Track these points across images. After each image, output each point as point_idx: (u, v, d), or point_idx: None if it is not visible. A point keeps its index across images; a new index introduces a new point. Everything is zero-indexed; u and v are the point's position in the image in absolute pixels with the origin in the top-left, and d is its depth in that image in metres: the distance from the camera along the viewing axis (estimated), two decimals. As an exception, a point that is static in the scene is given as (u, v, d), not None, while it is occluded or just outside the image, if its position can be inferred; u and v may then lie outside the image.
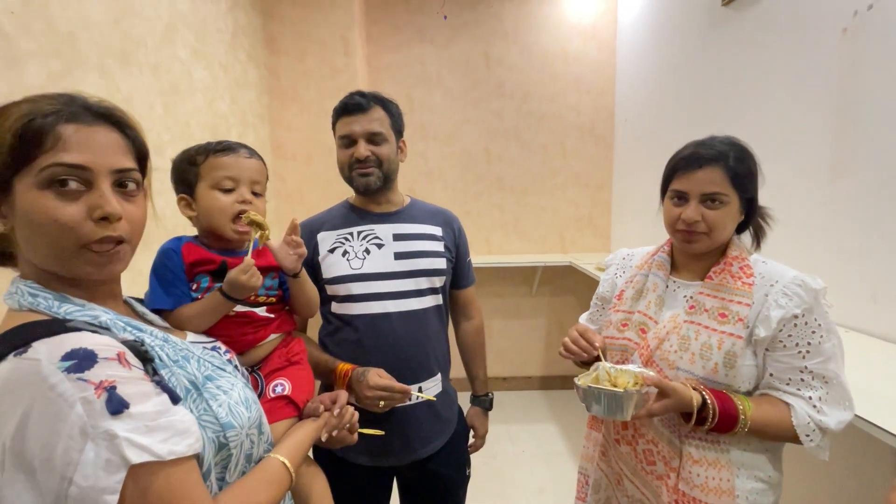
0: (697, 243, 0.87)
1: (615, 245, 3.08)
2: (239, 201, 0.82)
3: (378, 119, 1.09)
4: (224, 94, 2.12)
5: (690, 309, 0.89)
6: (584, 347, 0.91)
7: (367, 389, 0.99)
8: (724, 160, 0.84)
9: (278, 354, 0.87)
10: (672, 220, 0.90)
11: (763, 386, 0.84)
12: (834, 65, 1.33)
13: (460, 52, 2.93)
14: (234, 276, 0.77)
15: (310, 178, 2.66)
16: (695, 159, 0.86)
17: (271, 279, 0.90)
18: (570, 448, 2.51)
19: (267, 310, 0.88)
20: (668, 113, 2.36)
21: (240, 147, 0.85)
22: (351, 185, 1.13)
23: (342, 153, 1.10)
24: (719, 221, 0.85)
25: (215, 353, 0.71)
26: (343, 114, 1.09)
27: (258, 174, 0.86)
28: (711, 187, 0.84)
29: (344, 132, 1.09)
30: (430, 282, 1.14)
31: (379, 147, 1.09)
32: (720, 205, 0.84)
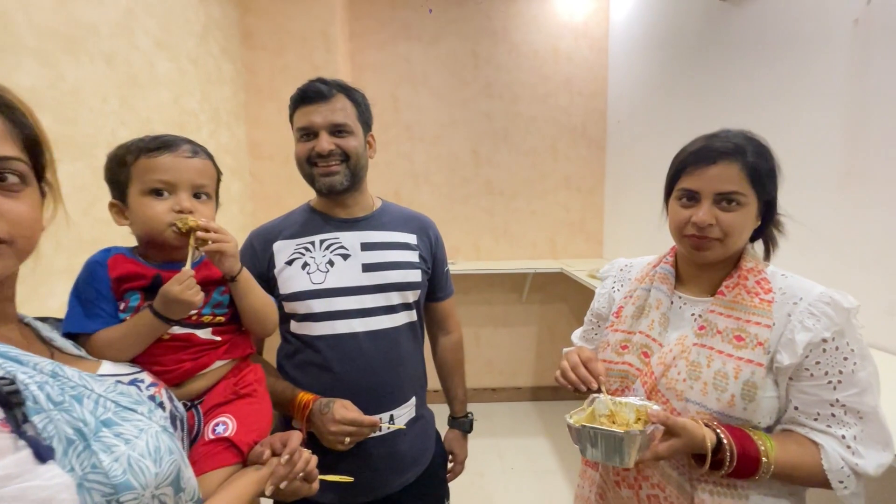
0: (709, 251, 0.76)
1: (607, 251, 2.98)
2: (176, 209, 0.69)
3: (342, 109, 0.96)
4: (193, 90, 1.98)
5: (700, 330, 0.77)
6: (584, 378, 0.79)
7: (332, 424, 0.86)
8: (741, 154, 0.73)
9: (224, 386, 0.73)
10: (680, 223, 0.78)
11: (786, 421, 0.73)
12: (844, 59, 1.23)
13: (447, 50, 2.82)
14: (167, 289, 0.64)
15: (288, 180, 2.51)
16: (708, 153, 0.74)
17: (220, 294, 0.77)
18: (563, 465, 2.39)
19: (213, 331, 0.74)
20: (662, 114, 2.27)
21: (180, 143, 0.71)
22: (312, 185, 0.99)
23: (301, 147, 0.97)
24: (736, 225, 0.73)
25: (133, 387, 0.58)
26: (301, 102, 0.96)
27: (202, 175, 0.72)
28: (727, 185, 0.73)
29: (302, 123, 0.95)
30: (403, 296, 1.02)
31: (344, 140, 0.96)
32: (737, 206, 0.73)
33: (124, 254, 0.70)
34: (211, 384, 0.72)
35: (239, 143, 2.41)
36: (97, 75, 1.42)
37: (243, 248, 1.01)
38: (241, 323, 0.80)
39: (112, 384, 0.54)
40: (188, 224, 0.68)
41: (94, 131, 1.41)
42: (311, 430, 0.90)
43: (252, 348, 0.81)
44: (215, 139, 2.16)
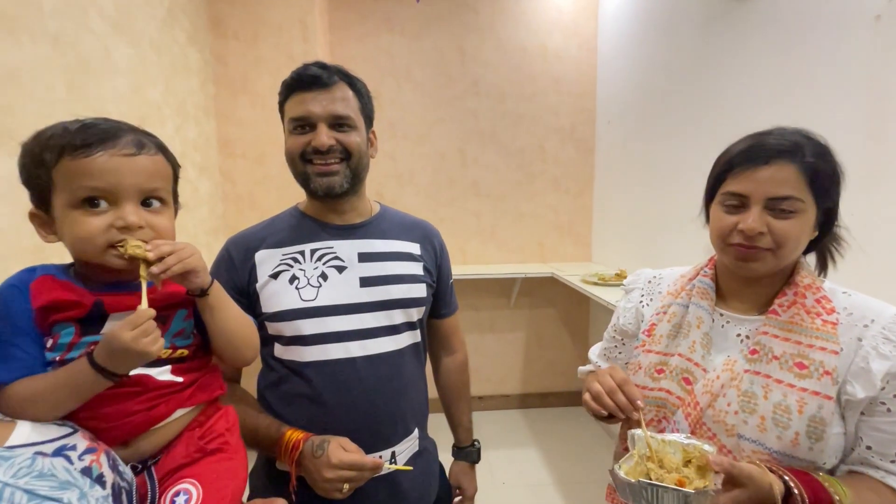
0: (758, 262, 0.66)
1: (596, 255, 2.92)
2: (118, 225, 0.53)
3: (344, 99, 0.82)
4: (156, 79, 1.78)
5: (752, 354, 0.67)
6: (623, 406, 0.67)
7: (327, 469, 0.72)
8: (799, 154, 0.63)
9: (187, 440, 0.58)
10: (724, 231, 0.68)
11: (854, 461, 0.63)
12: (864, 58, 1.18)
13: (432, 44, 2.70)
14: (115, 335, 0.49)
15: (263, 180, 2.34)
16: (760, 152, 0.65)
17: (183, 319, 0.62)
18: (555, 477, 2.30)
19: (174, 370, 0.59)
20: (653, 116, 2.21)
21: (119, 134, 0.55)
22: (305, 185, 0.85)
23: (294, 140, 0.82)
24: (791, 235, 0.64)
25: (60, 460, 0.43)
26: (296, 89, 0.81)
27: (152, 177, 0.57)
28: (782, 189, 0.63)
29: (298, 113, 0.80)
30: (407, 314, 0.89)
31: (346, 135, 0.82)
32: (792, 213, 0.63)
33: (54, 275, 0.54)
34: (169, 439, 0.57)
35: (208, 139, 2.22)
36: (40, 57, 1.23)
37: (218, 259, 0.86)
38: (209, 356, 0.65)
39: (27, 461, 0.40)
40: (132, 254, 0.52)
41: (37, 122, 1.21)
42: (302, 474, 0.76)
43: (223, 388, 0.66)
44: (181, 134, 1.97)
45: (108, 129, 0.54)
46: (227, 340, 0.64)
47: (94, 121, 0.55)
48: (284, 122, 0.85)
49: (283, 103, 0.85)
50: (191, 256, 0.56)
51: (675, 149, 2.05)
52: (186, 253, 0.56)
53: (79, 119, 0.55)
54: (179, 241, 0.58)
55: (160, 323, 0.58)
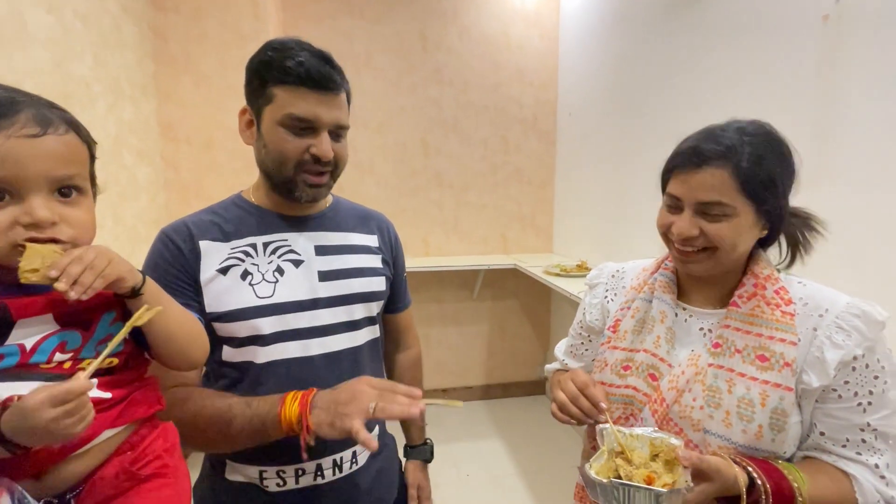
0: (697, 264, 0.67)
1: (558, 246, 2.96)
2: (24, 222, 0.45)
3: (345, 105, 0.76)
4: (83, 53, 1.60)
5: (715, 348, 0.67)
6: (588, 410, 0.66)
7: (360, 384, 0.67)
8: (733, 159, 0.62)
9: (116, 466, 0.50)
10: (663, 228, 0.70)
11: (809, 448, 0.65)
12: (812, 56, 1.22)
13: (393, 30, 2.60)
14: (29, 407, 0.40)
15: (209, 168, 2.18)
16: (695, 156, 0.64)
17: (109, 324, 0.54)
18: (519, 467, 2.32)
19: (101, 384, 0.50)
20: (614, 109, 2.24)
21: (17, 108, 0.45)
22: (288, 189, 0.76)
23: (287, 140, 0.72)
24: (724, 237, 0.64)
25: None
26: (301, 83, 0.70)
27: (64, 162, 0.48)
28: (710, 194, 0.63)
29: (305, 114, 0.70)
30: (368, 309, 0.84)
31: (340, 146, 0.76)
32: (723, 217, 0.63)
33: None
34: (93, 466, 0.49)
35: (147, 120, 2.03)
36: (-67, 21, 1.07)
37: (161, 249, 0.74)
38: (143, 365, 0.57)
39: None
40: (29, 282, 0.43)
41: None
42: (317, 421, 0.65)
43: (161, 403, 0.58)
44: (115, 114, 1.79)
45: (6, 101, 0.45)
46: (171, 342, 0.56)
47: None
48: (268, 108, 0.72)
49: (273, 85, 0.72)
50: (108, 265, 0.47)
51: (633, 142, 2.09)
52: (101, 263, 0.47)
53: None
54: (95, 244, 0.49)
55: (82, 329, 0.50)
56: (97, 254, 0.47)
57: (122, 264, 0.49)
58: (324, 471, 0.77)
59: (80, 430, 0.42)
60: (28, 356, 0.46)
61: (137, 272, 0.53)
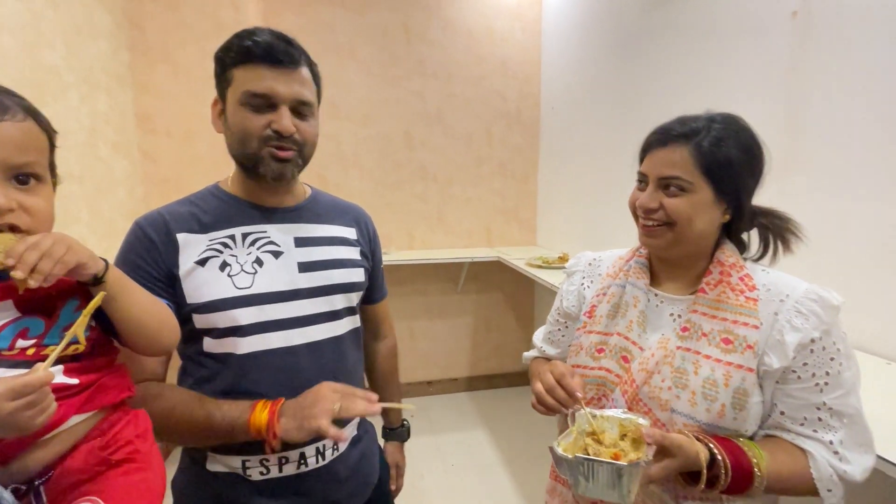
0: (658, 238, 0.71)
1: (541, 239, 2.99)
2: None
3: (307, 82, 0.76)
4: (54, 41, 1.56)
5: (684, 332, 0.70)
6: (563, 400, 0.68)
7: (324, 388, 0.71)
8: (694, 139, 0.67)
9: (86, 452, 0.50)
10: (631, 206, 0.75)
11: (770, 426, 0.68)
12: (783, 51, 1.26)
13: (377, 20, 2.58)
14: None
15: (190, 161, 2.15)
16: (662, 134, 0.70)
17: (73, 311, 0.53)
18: (503, 457, 2.36)
19: (67, 370, 0.51)
20: (596, 102, 2.27)
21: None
22: (253, 166, 0.76)
23: (248, 118, 0.72)
24: (680, 211, 0.68)
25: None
26: (256, 59, 0.71)
27: (21, 150, 0.47)
28: (669, 170, 0.68)
29: (260, 89, 0.71)
30: (348, 299, 0.85)
31: (306, 122, 0.76)
32: (680, 192, 0.68)
33: None
34: (62, 452, 0.49)
35: (123, 112, 1.99)
36: None
37: (134, 241, 0.74)
38: (112, 352, 0.57)
39: None
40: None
41: None
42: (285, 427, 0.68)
43: (131, 389, 0.58)
44: (90, 105, 1.75)
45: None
46: (141, 328, 0.57)
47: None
48: (230, 89, 0.74)
49: (231, 67, 0.73)
50: (67, 252, 0.47)
51: (615, 135, 2.12)
52: (59, 250, 0.46)
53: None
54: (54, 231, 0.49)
55: (45, 316, 0.50)
56: (55, 240, 0.46)
57: (81, 251, 0.49)
58: (307, 458, 0.78)
59: (41, 422, 0.42)
60: None
61: (99, 259, 0.52)
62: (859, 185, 1.11)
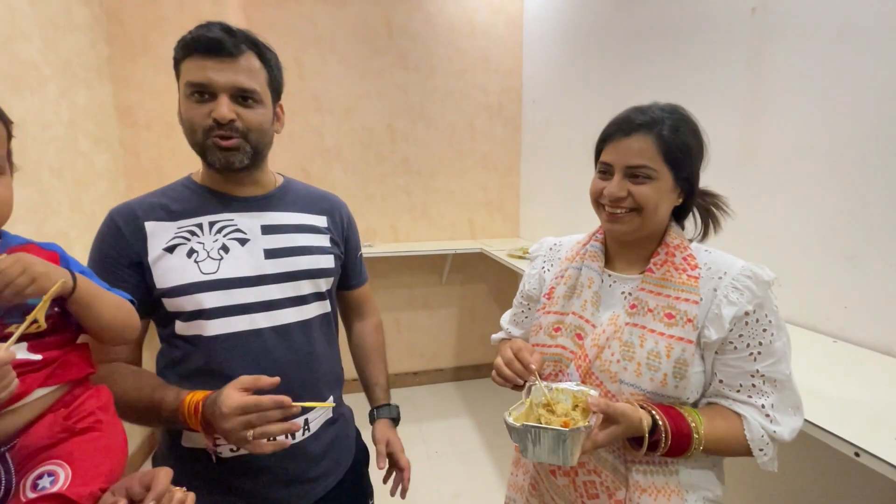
0: (624, 224, 0.75)
1: (524, 231, 3.04)
2: None
3: (251, 70, 0.77)
4: (31, 34, 1.56)
5: (632, 308, 0.75)
6: (519, 372, 0.73)
7: (224, 420, 0.65)
8: (657, 128, 0.71)
9: (50, 422, 0.53)
10: (595, 194, 0.78)
11: (711, 394, 0.73)
12: (743, 46, 1.31)
13: (358, 14, 2.60)
14: None
15: (171, 154, 2.15)
16: (624, 126, 0.73)
17: None
18: (486, 443, 2.42)
19: (30, 346, 0.54)
20: (575, 95, 2.31)
21: None
22: (203, 157, 0.80)
23: (192, 109, 0.75)
24: (648, 198, 0.72)
25: None
26: (195, 51, 0.74)
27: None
28: (636, 158, 0.71)
29: (197, 78, 0.74)
30: (315, 285, 0.88)
31: (249, 110, 0.77)
32: (647, 179, 0.72)
33: None
34: (27, 421, 0.52)
35: (103, 105, 1.99)
36: None
37: (104, 230, 0.78)
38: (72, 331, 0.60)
39: None
40: None
41: None
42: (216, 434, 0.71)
43: (92, 367, 0.61)
44: (69, 98, 1.75)
45: None
46: (104, 329, 0.61)
47: None
48: (179, 82, 0.78)
49: (180, 62, 0.77)
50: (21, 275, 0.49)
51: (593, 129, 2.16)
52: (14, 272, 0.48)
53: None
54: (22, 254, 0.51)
55: None
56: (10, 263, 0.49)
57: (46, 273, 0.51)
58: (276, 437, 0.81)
59: (3, 398, 0.45)
60: None
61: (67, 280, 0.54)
62: (811, 175, 1.17)
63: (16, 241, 0.57)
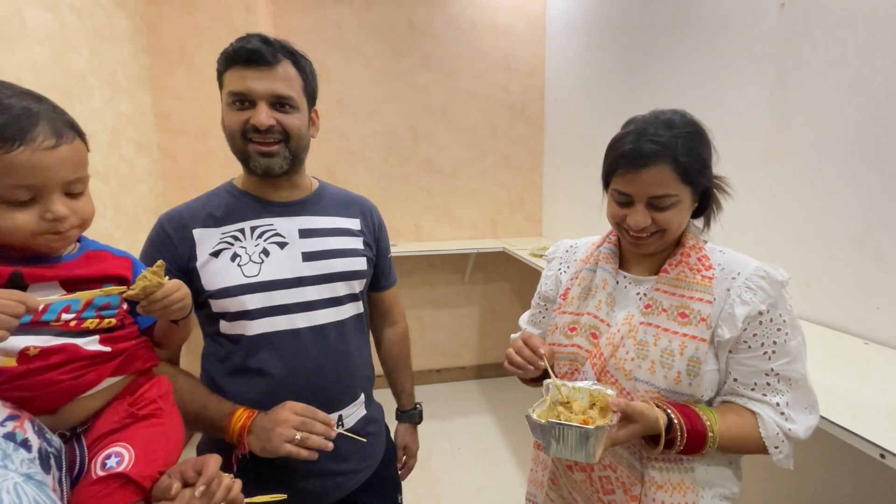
0: (648, 244, 0.76)
1: (547, 230, 3.04)
2: (49, 218, 0.53)
3: (287, 78, 0.82)
4: (80, 47, 1.68)
5: (646, 308, 0.76)
6: (529, 358, 0.75)
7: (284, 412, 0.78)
8: (670, 154, 0.69)
9: (116, 408, 0.60)
10: (616, 218, 0.77)
11: (725, 392, 0.74)
12: (771, 42, 1.29)
13: (381, 17, 2.65)
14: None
15: (205, 158, 2.26)
16: (638, 157, 0.70)
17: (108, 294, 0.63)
18: (507, 440, 2.44)
19: (102, 340, 0.60)
20: (598, 94, 2.30)
21: (33, 122, 0.51)
22: (244, 162, 0.85)
23: (233, 116, 0.81)
24: (672, 221, 0.72)
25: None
26: (236, 62, 0.80)
27: (75, 167, 0.55)
28: (658, 189, 0.70)
29: (237, 88, 0.79)
30: (350, 287, 0.92)
31: (287, 116, 0.82)
32: (671, 206, 0.72)
33: None
34: (98, 407, 0.59)
35: (144, 112, 2.11)
36: (-61, 22, 1.14)
37: (153, 236, 0.85)
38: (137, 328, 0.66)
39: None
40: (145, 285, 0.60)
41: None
42: (251, 443, 0.78)
43: (154, 360, 0.67)
44: (113, 107, 1.87)
45: (19, 122, 0.51)
46: (174, 341, 0.71)
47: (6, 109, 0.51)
48: (222, 92, 0.84)
49: (222, 73, 0.83)
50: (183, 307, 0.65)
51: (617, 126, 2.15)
52: (181, 305, 0.64)
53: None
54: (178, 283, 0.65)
55: None
56: (183, 296, 0.65)
57: (189, 307, 0.67)
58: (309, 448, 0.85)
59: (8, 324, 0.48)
60: (39, 315, 0.55)
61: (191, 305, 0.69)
62: (840, 173, 1.14)
63: (93, 245, 0.64)
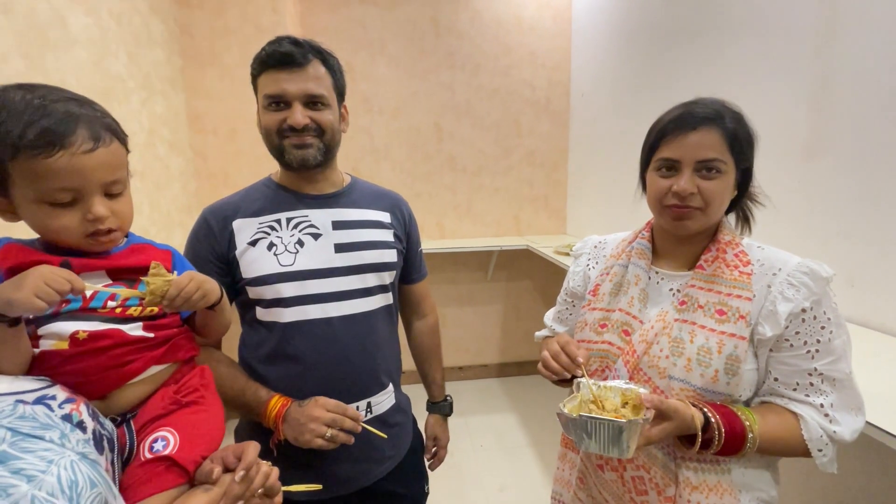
0: (692, 220, 0.73)
1: (571, 227, 3.00)
2: (90, 218, 0.56)
3: (318, 77, 0.86)
4: (118, 51, 1.74)
5: (681, 305, 0.74)
6: (566, 364, 0.74)
7: (315, 408, 0.81)
8: (721, 120, 0.70)
9: (162, 395, 0.62)
10: (660, 194, 0.74)
11: (765, 392, 0.72)
12: (811, 34, 1.23)
13: (406, 15, 2.66)
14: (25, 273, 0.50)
15: (235, 157, 2.32)
16: (689, 119, 0.71)
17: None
18: (530, 438, 2.43)
19: (145, 327, 0.62)
20: (625, 89, 2.25)
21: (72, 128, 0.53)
22: (280, 158, 0.89)
23: (270, 117, 0.86)
24: (717, 193, 0.70)
25: (41, 407, 0.47)
26: (269, 66, 0.84)
27: (113, 170, 0.57)
28: (708, 152, 0.69)
29: (273, 91, 0.84)
30: (380, 278, 0.95)
31: (320, 113, 0.86)
32: (717, 174, 0.70)
33: (18, 244, 0.57)
34: (146, 394, 0.61)
35: (177, 113, 2.18)
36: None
37: (197, 227, 0.90)
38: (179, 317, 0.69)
39: (9, 406, 0.44)
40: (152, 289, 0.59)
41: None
42: (285, 430, 0.82)
43: (196, 350, 0.70)
44: (149, 108, 1.93)
45: (58, 127, 0.52)
46: (215, 328, 0.73)
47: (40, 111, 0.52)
48: (258, 96, 0.88)
49: (256, 77, 0.87)
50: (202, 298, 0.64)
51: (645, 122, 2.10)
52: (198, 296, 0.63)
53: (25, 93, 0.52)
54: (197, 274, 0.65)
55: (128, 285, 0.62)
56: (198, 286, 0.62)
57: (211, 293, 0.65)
58: None
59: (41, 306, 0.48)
60: (87, 302, 0.58)
61: (218, 291, 0.67)
62: (883, 169, 1.09)
63: (138, 239, 0.67)
